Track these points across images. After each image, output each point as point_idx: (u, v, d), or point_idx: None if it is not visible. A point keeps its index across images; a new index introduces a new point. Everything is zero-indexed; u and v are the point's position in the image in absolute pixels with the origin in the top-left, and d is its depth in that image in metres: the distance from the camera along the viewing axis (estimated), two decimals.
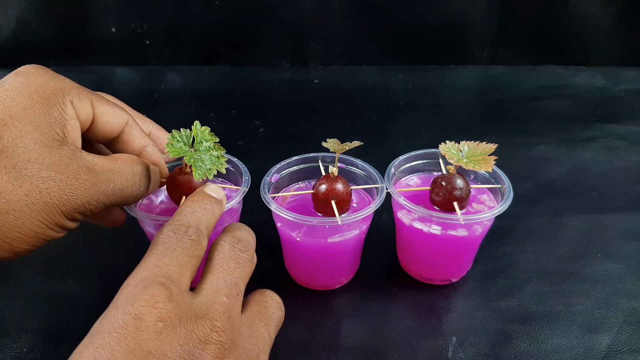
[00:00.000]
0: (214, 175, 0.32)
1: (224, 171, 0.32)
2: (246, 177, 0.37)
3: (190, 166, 0.31)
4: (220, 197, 0.30)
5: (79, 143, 0.28)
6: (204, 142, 0.32)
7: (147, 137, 0.33)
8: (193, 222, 0.26)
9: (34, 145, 0.25)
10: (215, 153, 0.32)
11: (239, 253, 0.27)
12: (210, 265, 0.25)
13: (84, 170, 0.27)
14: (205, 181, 0.33)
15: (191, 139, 0.32)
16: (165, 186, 0.34)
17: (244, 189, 0.36)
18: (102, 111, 0.29)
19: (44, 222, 0.26)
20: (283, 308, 0.29)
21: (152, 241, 0.26)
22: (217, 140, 0.32)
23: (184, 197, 0.32)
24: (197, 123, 0.32)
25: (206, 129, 0.32)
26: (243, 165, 0.39)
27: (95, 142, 0.32)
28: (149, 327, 0.21)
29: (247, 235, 0.29)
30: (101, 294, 0.39)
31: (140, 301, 0.21)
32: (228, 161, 0.40)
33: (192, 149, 0.32)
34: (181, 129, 0.32)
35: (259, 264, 0.42)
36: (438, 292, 0.39)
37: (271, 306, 0.28)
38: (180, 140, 0.32)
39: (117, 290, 0.23)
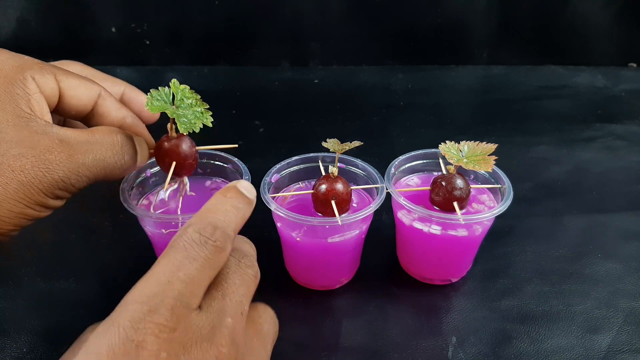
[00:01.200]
0: (198, 128, 0.31)
1: (210, 124, 0.31)
2: (246, 177, 0.37)
3: (177, 129, 0.31)
4: (252, 197, 0.27)
5: (48, 117, 0.27)
6: (185, 100, 0.31)
7: (125, 109, 0.31)
8: (222, 223, 0.24)
9: (0, 125, 0.24)
10: (198, 109, 0.31)
11: (244, 269, 0.25)
12: (216, 280, 0.24)
13: (57, 144, 0.25)
14: (193, 146, 0.33)
15: (171, 97, 0.31)
16: (155, 160, 0.33)
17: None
18: (68, 85, 0.28)
19: (22, 201, 0.25)
20: (277, 321, 0.28)
21: (172, 240, 0.23)
22: (199, 97, 0.31)
23: (174, 164, 0.31)
24: (174, 80, 0.31)
25: (186, 87, 0.31)
26: (243, 165, 0.39)
27: (70, 118, 0.31)
28: (151, 356, 0.19)
29: (250, 250, 0.27)
30: (101, 294, 0.39)
31: (145, 329, 0.20)
32: (228, 161, 0.40)
33: (174, 106, 0.31)
34: (159, 88, 0.31)
35: (259, 264, 0.42)
36: (438, 292, 0.39)
37: (266, 322, 0.26)
38: (160, 98, 0.30)
39: (117, 290, 0.23)
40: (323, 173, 0.38)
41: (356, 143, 0.36)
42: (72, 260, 0.42)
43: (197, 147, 0.34)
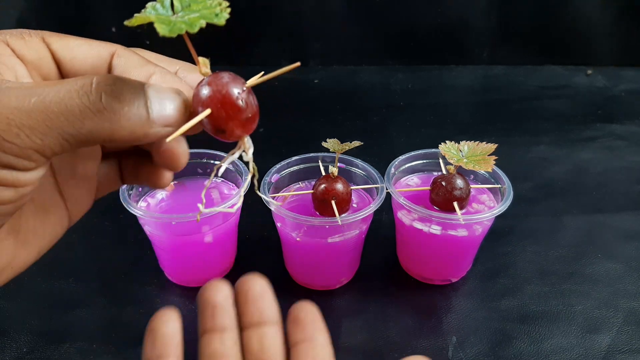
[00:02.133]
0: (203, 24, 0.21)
1: (224, 17, 0.21)
2: (246, 177, 0.37)
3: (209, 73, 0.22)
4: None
5: (22, 79, 0.21)
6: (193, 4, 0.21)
7: (152, 64, 0.24)
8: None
9: None
10: (207, 3, 0.21)
11: None
12: None
13: None
14: (241, 81, 0.22)
15: (170, 6, 0.21)
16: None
17: (243, 188, 0.36)
18: (62, 45, 0.22)
19: None
20: None
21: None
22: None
23: (207, 112, 0.21)
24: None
25: None
26: (243, 165, 0.39)
27: None
28: None
29: None
30: (101, 294, 0.39)
31: None
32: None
33: (174, 15, 0.21)
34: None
35: (259, 264, 0.42)
36: (438, 292, 0.39)
37: None
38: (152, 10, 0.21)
39: (116, 290, 0.23)
40: (323, 173, 0.38)
41: (356, 143, 0.36)
42: (72, 261, 0.42)
43: (249, 82, 0.23)
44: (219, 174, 0.23)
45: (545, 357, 0.34)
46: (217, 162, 0.40)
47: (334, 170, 0.35)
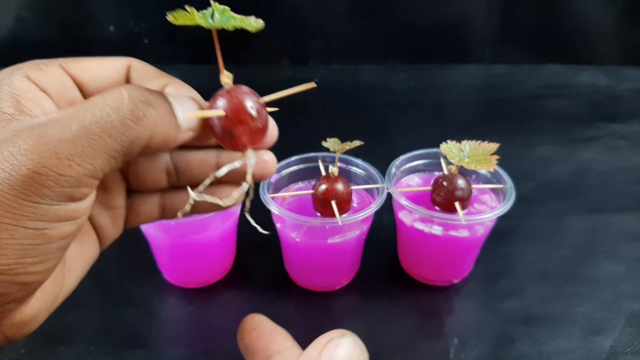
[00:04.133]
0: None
1: (260, 26, 0.23)
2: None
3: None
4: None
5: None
6: (228, 16, 0.24)
7: (165, 76, 0.25)
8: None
9: None
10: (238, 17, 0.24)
11: None
12: None
13: (26, 130, 0.19)
14: (257, 96, 0.24)
15: (211, 14, 0.24)
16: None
17: (242, 189, 0.36)
18: (81, 69, 0.23)
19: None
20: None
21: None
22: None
23: (244, 137, 0.23)
24: (214, 3, 0.24)
25: (227, 8, 0.24)
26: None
27: None
28: None
29: None
30: (100, 294, 0.39)
31: None
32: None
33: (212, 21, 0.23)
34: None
35: (258, 265, 0.42)
36: (439, 293, 0.39)
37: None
38: (194, 13, 0.23)
39: (115, 291, 0.23)
40: (323, 173, 0.38)
41: (356, 143, 0.35)
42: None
43: (264, 98, 0.25)
44: (218, 175, 0.24)
45: (547, 359, 0.34)
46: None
47: (334, 170, 0.35)
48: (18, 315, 0.21)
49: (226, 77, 0.25)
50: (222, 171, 0.23)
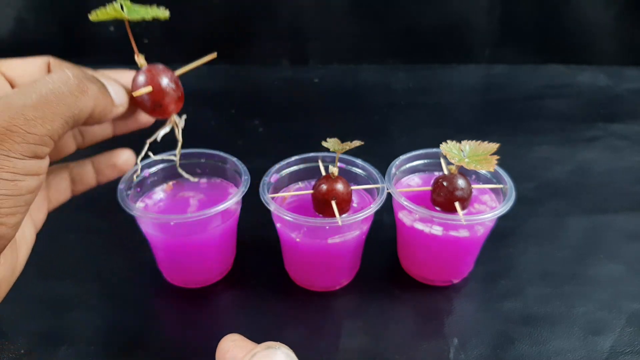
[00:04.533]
0: (149, 18, 0.28)
1: (167, 15, 0.29)
2: (245, 177, 0.37)
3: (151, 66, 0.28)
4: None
5: None
6: (133, 7, 0.29)
7: (79, 68, 0.28)
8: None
9: None
10: (149, 7, 0.29)
11: None
12: None
13: None
14: (170, 71, 0.29)
15: (119, 7, 0.28)
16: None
17: (241, 189, 0.36)
18: (8, 67, 0.27)
19: None
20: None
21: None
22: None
23: (148, 89, 0.28)
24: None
25: (127, 2, 0.29)
26: (242, 165, 0.38)
27: None
28: None
29: None
30: (99, 295, 0.39)
31: None
32: (226, 160, 0.40)
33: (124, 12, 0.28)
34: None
35: (259, 265, 0.42)
36: (439, 293, 0.39)
37: None
38: (106, 11, 0.28)
39: (114, 292, 0.23)
40: (323, 173, 0.38)
41: (356, 143, 0.35)
42: (69, 262, 0.42)
43: (177, 71, 0.30)
44: (158, 139, 0.31)
45: (547, 359, 0.34)
46: (215, 162, 0.40)
47: (334, 170, 0.35)
48: None
49: (141, 59, 0.29)
50: (160, 135, 0.30)
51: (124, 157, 0.32)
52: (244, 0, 0.70)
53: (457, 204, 0.35)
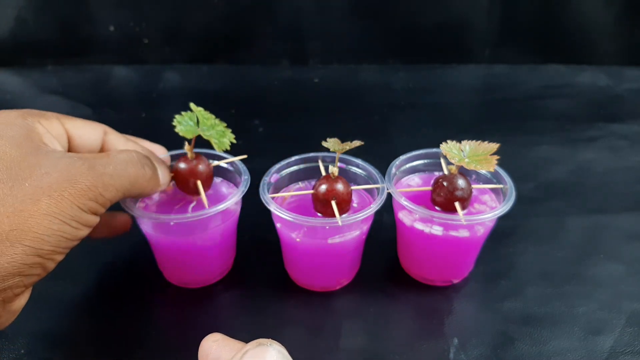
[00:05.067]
0: (229, 145, 0.35)
1: (234, 140, 0.35)
2: (245, 177, 0.37)
3: (196, 155, 0.35)
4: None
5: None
6: (205, 121, 0.34)
7: (132, 141, 0.34)
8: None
9: (19, 152, 0.26)
10: (219, 128, 0.35)
11: None
12: None
13: (77, 160, 0.27)
14: (208, 165, 0.36)
15: (195, 119, 0.34)
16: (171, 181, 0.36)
17: (241, 189, 0.36)
18: (73, 125, 0.31)
19: (56, 217, 0.26)
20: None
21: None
22: (213, 116, 0.35)
23: (199, 182, 0.35)
24: (192, 105, 0.34)
25: (201, 109, 0.35)
26: (242, 165, 0.38)
27: None
28: None
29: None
30: (98, 295, 0.39)
31: None
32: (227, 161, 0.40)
33: (200, 129, 0.34)
34: (182, 113, 0.34)
35: (258, 265, 0.42)
36: (439, 293, 0.39)
37: None
38: (185, 122, 0.34)
39: (113, 292, 0.23)
40: (323, 173, 0.38)
41: (357, 143, 0.35)
42: (68, 262, 0.41)
43: (212, 162, 0.37)
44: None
45: (547, 359, 0.34)
46: (215, 162, 0.40)
47: (334, 170, 0.35)
48: (17, 303, 0.28)
49: (190, 152, 0.36)
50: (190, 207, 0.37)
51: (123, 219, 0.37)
52: (244, 0, 0.70)
53: (457, 204, 0.35)
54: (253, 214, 0.39)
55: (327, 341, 0.35)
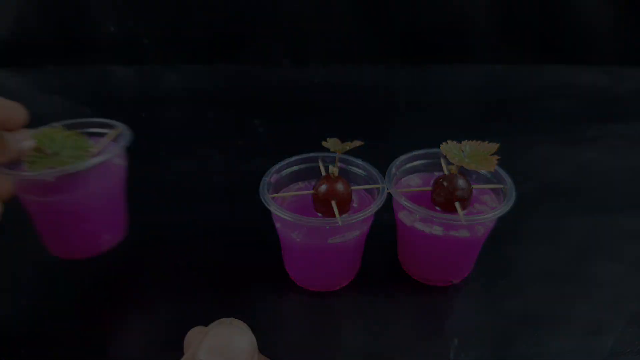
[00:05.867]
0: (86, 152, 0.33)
1: (90, 147, 0.33)
2: (126, 131, 0.37)
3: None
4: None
5: None
6: (55, 141, 0.33)
7: None
8: None
9: None
10: (71, 140, 0.33)
11: None
12: None
13: None
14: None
15: (47, 144, 0.33)
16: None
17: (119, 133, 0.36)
18: None
19: None
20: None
21: None
22: (59, 127, 0.34)
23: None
24: (33, 133, 0.33)
25: (43, 130, 0.34)
26: (125, 126, 0.38)
27: None
28: None
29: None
30: (96, 295, 0.38)
31: None
32: (113, 126, 0.39)
33: (54, 154, 0.33)
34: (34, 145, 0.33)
35: (259, 265, 0.42)
36: (439, 293, 0.39)
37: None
38: (36, 159, 0.32)
39: (113, 292, 0.23)
40: (323, 173, 0.38)
41: (357, 143, 0.35)
42: (67, 262, 0.42)
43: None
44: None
45: (547, 359, 0.34)
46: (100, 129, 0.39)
47: (334, 170, 0.35)
48: None
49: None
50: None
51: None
52: (244, 0, 0.70)
53: (457, 204, 0.35)
54: (253, 214, 0.39)
55: (326, 342, 0.35)
